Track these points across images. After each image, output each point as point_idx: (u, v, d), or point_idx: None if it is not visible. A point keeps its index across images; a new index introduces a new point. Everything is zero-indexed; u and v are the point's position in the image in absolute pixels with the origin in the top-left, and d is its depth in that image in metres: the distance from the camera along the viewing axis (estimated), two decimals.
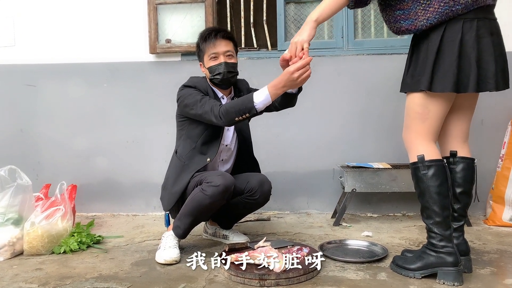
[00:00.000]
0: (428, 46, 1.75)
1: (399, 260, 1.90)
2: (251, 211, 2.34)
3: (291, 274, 1.79)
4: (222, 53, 2.15)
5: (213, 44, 2.15)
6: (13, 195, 2.25)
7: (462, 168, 1.88)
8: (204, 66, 2.21)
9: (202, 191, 2.01)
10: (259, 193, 2.16)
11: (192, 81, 2.21)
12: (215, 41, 2.15)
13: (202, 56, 2.20)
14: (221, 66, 2.14)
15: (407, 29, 1.78)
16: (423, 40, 1.78)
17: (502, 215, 2.61)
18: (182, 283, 1.81)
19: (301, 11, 3.05)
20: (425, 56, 1.76)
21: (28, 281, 1.88)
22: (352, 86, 2.96)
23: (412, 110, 1.83)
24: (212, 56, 2.15)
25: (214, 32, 2.17)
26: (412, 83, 1.81)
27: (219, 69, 2.14)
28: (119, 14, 3.06)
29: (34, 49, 3.10)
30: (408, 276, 1.83)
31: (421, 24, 1.73)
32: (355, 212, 2.97)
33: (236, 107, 1.95)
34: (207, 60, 2.18)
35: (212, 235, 2.41)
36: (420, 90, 1.76)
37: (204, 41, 2.17)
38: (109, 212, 3.09)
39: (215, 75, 2.16)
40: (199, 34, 2.23)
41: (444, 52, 1.72)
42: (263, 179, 2.19)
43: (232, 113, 1.95)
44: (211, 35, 2.16)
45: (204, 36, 2.18)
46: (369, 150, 2.95)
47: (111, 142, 3.08)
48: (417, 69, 1.79)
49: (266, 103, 1.93)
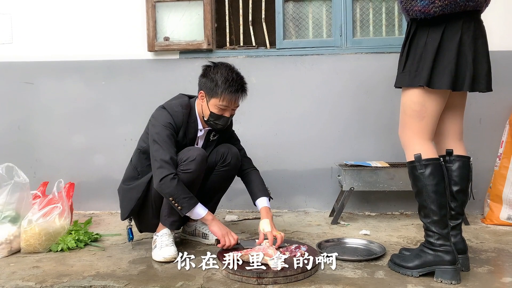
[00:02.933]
0: (426, 42, 1.75)
1: (397, 258, 1.90)
2: (228, 181, 2.33)
3: (289, 272, 1.79)
4: (231, 107, 2.10)
5: (233, 98, 2.06)
6: (11, 192, 2.24)
7: (458, 166, 1.89)
8: (207, 102, 2.09)
9: (184, 172, 2.02)
10: (230, 156, 2.21)
11: (172, 107, 2.12)
12: (236, 95, 2.07)
13: (212, 96, 2.06)
14: (224, 119, 2.11)
15: (419, 11, 1.73)
16: (421, 36, 1.77)
17: (499, 213, 2.61)
18: (180, 281, 1.81)
19: (299, 9, 3.04)
20: (424, 52, 1.75)
21: (25, 279, 1.88)
22: (350, 85, 2.96)
23: (409, 108, 1.83)
24: (223, 107, 2.07)
25: (239, 88, 2.07)
26: (409, 78, 1.80)
27: (221, 122, 2.11)
28: (118, 12, 3.05)
29: (32, 47, 3.09)
30: (406, 274, 1.83)
31: (435, 10, 1.70)
32: (353, 211, 2.97)
33: (179, 192, 1.97)
34: (215, 104, 2.07)
35: (191, 234, 2.39)
36: (419, 85, 1.76)
37: (225, 89, 2.03)
38: (106, 210, 3.08)
39: (214, 122, 2.11)
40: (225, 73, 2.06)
41: (444, 49, 1.72)
42: (230, 145, 2.26)
43: (170, 192, 1.97)
44: (237, 92, 2.06)
45: (231, 85, 2.04)
46: (367, 149, 2.95)
47: (109, 140, 3.07)
48: (415, 64, 1.78)
49: (197, 216, 2.05)
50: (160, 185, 1.97)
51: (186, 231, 2.41)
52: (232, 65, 2.16)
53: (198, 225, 2.36)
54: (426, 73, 1.74)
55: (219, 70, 2.09)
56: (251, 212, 3.00)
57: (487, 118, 2.85)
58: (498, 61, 2.38)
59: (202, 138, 2.25)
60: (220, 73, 2.07)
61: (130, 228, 2.27)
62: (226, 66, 2.12)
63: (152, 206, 2.15)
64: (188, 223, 2.39)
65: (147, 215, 2.19)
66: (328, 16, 3.02)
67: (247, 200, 3.00)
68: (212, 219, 2.07)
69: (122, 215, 2.23)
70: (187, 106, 2.16)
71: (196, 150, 2.07)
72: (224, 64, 2.13)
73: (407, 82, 1.82)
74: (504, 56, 2.76)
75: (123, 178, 2.26)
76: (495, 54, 2.14)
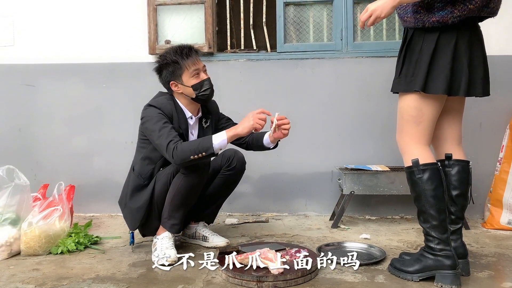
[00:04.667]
0: (422, 47, 1.76)
1: (397, 262, 1.90)
2: (232, 185, 2.33)
3: (289, 276, 1.79)
4: (202, 69, 2.15)
5: (195, 60, 2.12)
6: (11, 195, 2.24)
7: (458, 170, 1.89)
8: (182, 84, 2.12)
9: (187, 176, 2.01)
10: (236, 160, 2.23)
11: (157, 101, 2.14)
12: (196, 57, 2.13)
13: (181, 74, 2.11)
14: (207, 82, 2.14)
15: (437, 21, 1.71)
16: (417, 41, 1.78)
17: (500, 218, 2.61)
18: (180, 284, 1.81)
19: (300, 13, 3.05)
20: (420, 57, 1.76)
21: (25, 281, 1.87)
22: (351, 89, 2.96)
23: (406, 113, 1.83)
24: (195, 73, 2.11)
25: (190, 48, 2.14)
26: (405, 83, 1.81)
27: (206, 85, 2.13)
28: (119, 15, 3.06)
29: (33, 49, 3.10)
30: (406, 279, 1.82)
31: (453, 20, 1.69)
32: (353, 215, 2.97)
33: (194, 145, 1.95)
34: (188, 77, 2.11)
35: (191, 236, 2.38)
36: (414, 91, 1.77)
37: (183, 58, 2.10)
38: (107, 213, 3.08)
39: (202, 91, 2.13)
40: (172, 50, 2.13)
41: (439, 54, 1.73)
42: (236, 149, 2.28)
43: (187, 151, 1.93)
44: (191, 52, 2.12)
45: (183, 52, 2.11)
46: (367, 153, 2.95)
47: (109, 143, 3.08)
48: (411, 69, 1.79)
49: (222, 144, 1.98)
50: (175, 160, 1.95)
51: (186, 234, 2.41)
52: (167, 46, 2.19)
53: (198, 228, 2.36)
54: (421, 78, 1.74)
55: (163, 56, 2.15)
56: (251, 215, 3.00)
57: (487, 123, 2.85)
58: (498, 65, 2.40)
59: (195, 127, 2.25)
60: (167, 57, 2.13)
61: (132, 233, 2.26)
62: (164, 50, 2.20)
63: (155, 210, 2.15)
64: (188, 225, 2.39)
65: (151, 219, 2.18)
66: (329, 20, 3.03)
67: (247, 203, 3.04)
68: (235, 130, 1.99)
69: (132, 227, 2.20)
70: (170, 98, 2.18)
71: None
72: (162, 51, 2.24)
73: (403, 87, 1.82)
74: (504, 61, 2.77)
75: (129, 190, 2.19)
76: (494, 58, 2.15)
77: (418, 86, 1.75)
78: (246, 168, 2.33)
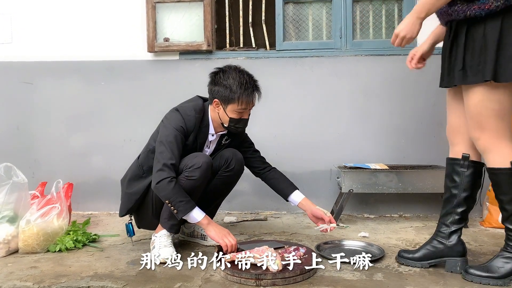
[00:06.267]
0: (485, 34, 1.64)
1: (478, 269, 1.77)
2: (230, 186, 2.33)
3: (288, 274, 1.79)
4: (249, 109, 2.10)
5: (250, 100, 2.05)
6: (9, 192, 2.23)
7: (471, 172, 1.84)
8: (224, 110, 2.06)
9: (188, 178, 2.01)
10: (234, 161, 2.21)
11: (185, 109, 2.09)
12: (253, 96, 2.06)
13: (229, 103, 2.03)
14: (244, 122, 2.11)
15: (478, 7, 1.62)
16: (476, 28, 1.67)
17: (498, 217, 2.60)
18: (178, 282, 1.81)
19: (299, 11, 3.04)
20: (483, 45, 1.65)
21: (23, 279, 1.87)
22: (350, 87, 2.96)
23: (485, 108, 1.69)
24: (241, 111, 2.05)
25: (254, 88, 2.06)
26: (471, 74, 1.68)
27: (241, 124, 2.11)
28: (118, 12, 3.05)
29: (31, 47, 3.09)
30: (497, 285, 1.71)
31: (497, 4, 1.60)
32: (352, 213, 2.97)
33: (176, 196, 1.95)
34: (232, 109, 2.04)
35: (190, 235, 2.38)
36: (485, 80, 1.65)
37: (242, 94, 2.01)
38: (105, 211, 3.08)
39: (235, 126, 2.10)
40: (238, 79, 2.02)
41: (505, 39, 1.62)
42: (235, 150, 2.25)
43: (168, 194, 1.94)
44: (253, 93, 2.05)
45: (247, 89, 2.02)
46: (366, 151, 2.95)
47: (108, 141, 3.07)
48: (476, 59, 1.67)
49: (193, 220, 2.00)
50: (157, 187, 1.97)
51: (184, 232, 2.40)
52: (239, 65, 2.12)
53: (196, 226, 2.35)
54: (491, 66, 1.62)
55: (229, 75, 2.05)
56: (249, 213, 3.00)
57: None
58: None
59: (214, 142, 2.24)
60: (231, 78, 2.03)
61: (130, 223, 2.26)
62: (234, 69, 2.08)
63: (153, 206, 2.14)
64: (186, 224, 2.38)
65: (147, 213, 2.18)
66: (328, 18, 3.03)
67: (246, 201, 3.04)
68: (208, 223, 2.01)
69: (120, 212, 2.23)
70: (201, 110, 2.13)
71: (202, 157, 2.05)
72: (232, 67, 2.09)
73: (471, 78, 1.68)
74: None
75: (128, 176, 2.22)
76: None
77: (488, 75, 1.63)
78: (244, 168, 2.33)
